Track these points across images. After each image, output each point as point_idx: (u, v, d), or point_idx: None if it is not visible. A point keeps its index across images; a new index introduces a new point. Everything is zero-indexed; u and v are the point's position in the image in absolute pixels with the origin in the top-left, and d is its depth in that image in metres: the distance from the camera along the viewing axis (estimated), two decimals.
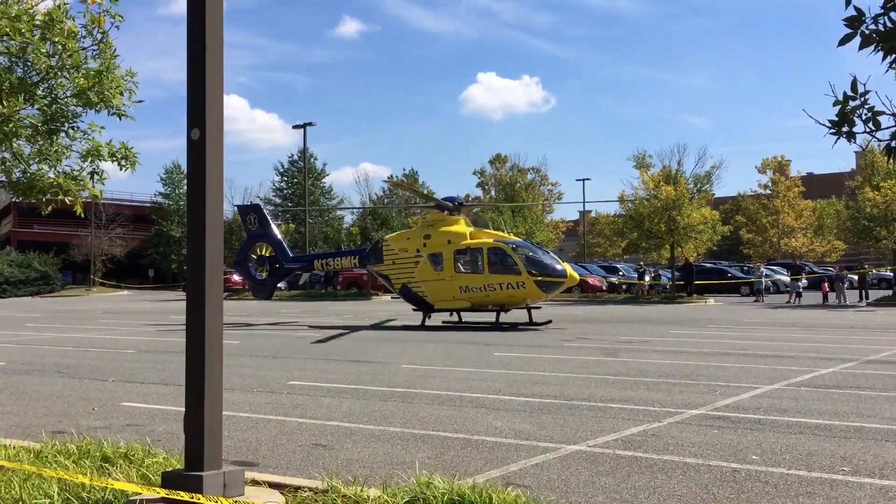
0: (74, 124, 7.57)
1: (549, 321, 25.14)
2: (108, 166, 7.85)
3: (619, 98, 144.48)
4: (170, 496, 5.13)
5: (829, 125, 4.59)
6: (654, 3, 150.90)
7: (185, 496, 5.06)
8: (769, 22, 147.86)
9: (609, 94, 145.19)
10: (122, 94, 7.49)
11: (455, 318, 25.73)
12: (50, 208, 8.19)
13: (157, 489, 5.33)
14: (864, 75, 4.53)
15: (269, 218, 31.22)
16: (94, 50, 7.45)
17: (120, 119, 7.58)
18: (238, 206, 36.24)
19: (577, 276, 27.08)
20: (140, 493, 5.37)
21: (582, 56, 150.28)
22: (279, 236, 30.74)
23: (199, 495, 5.05)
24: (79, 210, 7.97)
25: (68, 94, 7.44)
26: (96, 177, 7.80)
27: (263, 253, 29.94)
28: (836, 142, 4.60)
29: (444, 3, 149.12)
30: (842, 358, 15.48)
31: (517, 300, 24.61)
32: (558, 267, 24.75)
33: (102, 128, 7.72)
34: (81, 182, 7.70)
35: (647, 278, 47.06)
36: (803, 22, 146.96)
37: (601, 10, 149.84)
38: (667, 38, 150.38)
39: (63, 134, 7.55)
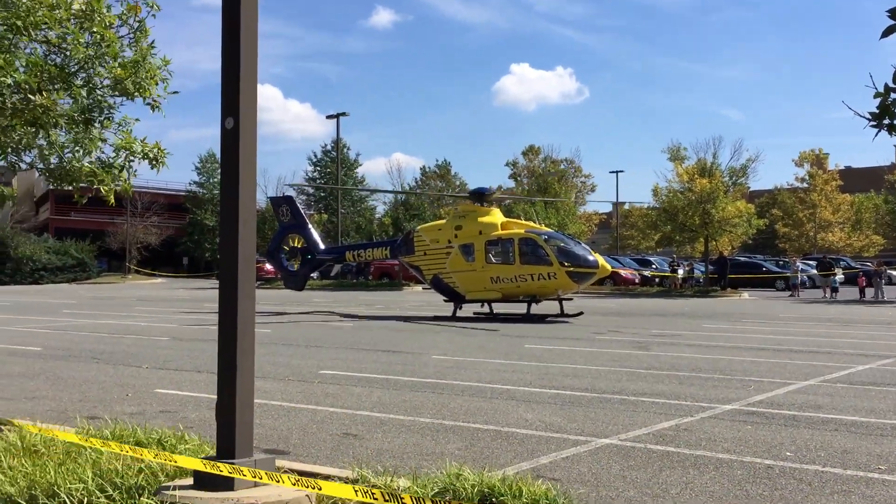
0: (110, 115, 7.62)
1: (581, 312, 25.03)
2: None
3: (653, 90, 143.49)
4: (207, 473, 5.16)
5: (870, 117, 4.50)
6: None
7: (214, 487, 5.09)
8: (807, 13, 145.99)
9: (643, 86, 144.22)
10: (157, 83, 7.52)
11: (486, 308, 25.71)
12: (85, 199, 8.26)
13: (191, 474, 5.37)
14: None
15: (301, 209, 31.38)
16: (130, 38, 7.49)
17: (153, 111, 7.62)
18: (271, 198, 36.46)
19: (609, 267, 26.88)
20: (175, 480, 5.42)
21: (616, 47, 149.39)
22: (311, 228, 30.89)
23: (234, 477, 5.08)
24: (110, 200, 8.04)
25: (105, 83, 7.49)
26: (128, 171, 7.86)
27: (295, 244, 30.09)
28: (876, 134, 4.51)
29: None
30: (879, 354, 15.25)
31: (548, 291, 24.52)
32: (590, 258, 24.63)
33: (137, 119, 7.77)
34: (114, 173, 7.76)
35: (680, 272, 46.65)
36: (842, 13, 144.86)
37: (636, 1, 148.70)
38: (702, 30, 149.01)
39: (98, 124, 7.61)
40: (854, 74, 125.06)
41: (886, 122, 4.49)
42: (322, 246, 30.84)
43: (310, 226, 31.03)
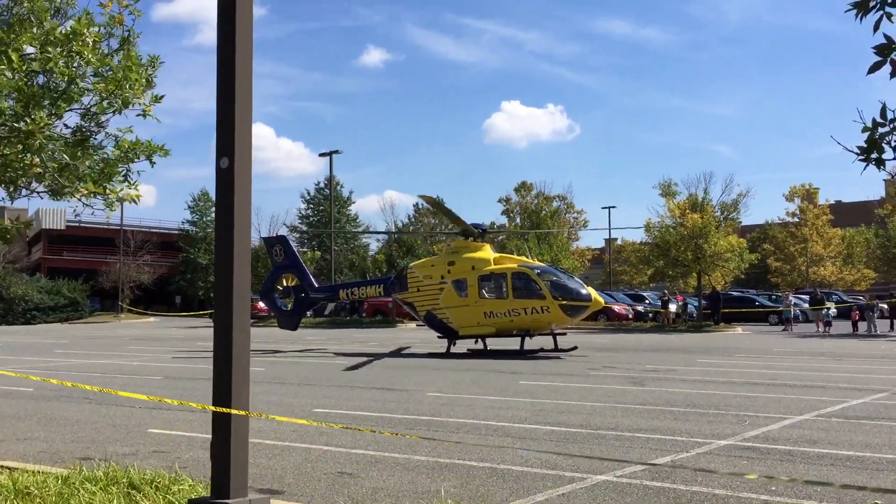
0: (103, 129, 7.61)
1: (575, 347, 25.00)
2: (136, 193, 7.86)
3: (643, 126, 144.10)
4: None
5: (858, 151, 4.56)
6: (679, 33, 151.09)
7: None
8: (795, 51, 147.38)
9: (634, 123, 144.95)
10: (142, 89, 7.43)
11: (480, 345, 25.68)
12: (93, 210, 8.08)
13: None
14: (894, 103, 4.50)
15: (294, 249, 31.46)
16: (116, 46, 7.41)
17: (144, 118, 7.53)
18: (264, 238, 36.54)
19: (602, 301, 26.87)
20: None
21: (606, 85, 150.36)
22: (305, 267, 30.95)
23: None
24: (110, 213, 7.93)
25: (91, 101, 7.47)
26: (130, 180, 7.80)
27: (289, 284, 30.15)
28: (864, 168, 4.56)
29: (468, 32, 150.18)
30: (873, 388, 15.26)
31: (542, 325, 24.51)
32: (583, 291, 24.67)
33: (130, 129, 7.73)
34: (115, 182, 7.70)
35: (672, 307, 46.62)
36: (830, 50, 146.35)
37: (626, 40, 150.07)
38: (692, 68, 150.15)
39: (93, 139, 7.60)
40: (842, 110, 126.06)
41: (874, 156, 4.56)
42: (316, 284, 30.88)
43: (303, 265, 31.08)
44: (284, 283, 30.27)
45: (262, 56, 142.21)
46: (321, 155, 60.50)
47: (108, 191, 7.66)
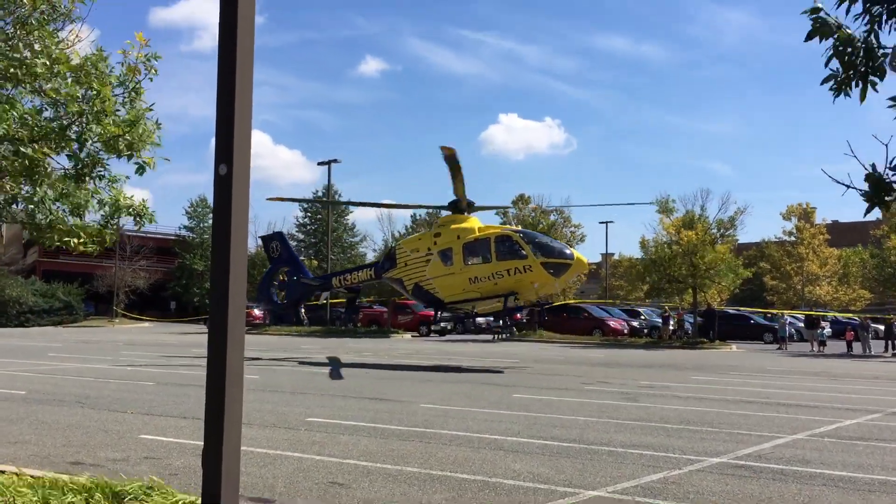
0: (101, 172, 7.68)
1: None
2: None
3: (640, 142, 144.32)
4: None
5: (862, 194, 4.58)
6: (677, 51, 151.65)
7: None
8: (792, 70, 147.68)
9: (631, 139, 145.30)
10: (148, 146, 7.60)
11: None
12: (54, 247, 8.28)
13: None
14: (888, 124, 4.54)
15: (290, 243, 31.77)
16: (123, 97, 7.55)
17: (141, 174, 7.66)
18: (261, 237, 36.76)
19: (585, 261, 26.48)
20: None
21: (604, 100, 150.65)
22: (300, 261, 31.52)
23: None
24: (88, 250, 8.06)
25: (97, 141, 7.54)
26: (110, 227, 7.92)
27: (284, 279, 30.52)
28: (869, 210, 4.57)
29: (467, 45, 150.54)
30: (866, 409, 15.26)
31: (525, 285, 24.49)
32: (566, 251, 24.88)
33: (127, 177, 7.84)
34: (95, 228, 7.81)
35: (671, 323, 46.58)
36: (825, 71, 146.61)
37: (625, 57, 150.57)
38: (689, 85, 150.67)
39: (90, 180, 7.66)
40: (838, 129, 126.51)
41: (878, 198, 4.57)
42: (311, 275, 31.45)
43: (299, 259, 31.56)
44: (281, 279, 30.65)
45: (260, 63, 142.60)
46: (320, 164, 60.53)
47: (85, 238, 7.76)
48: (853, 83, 4.57)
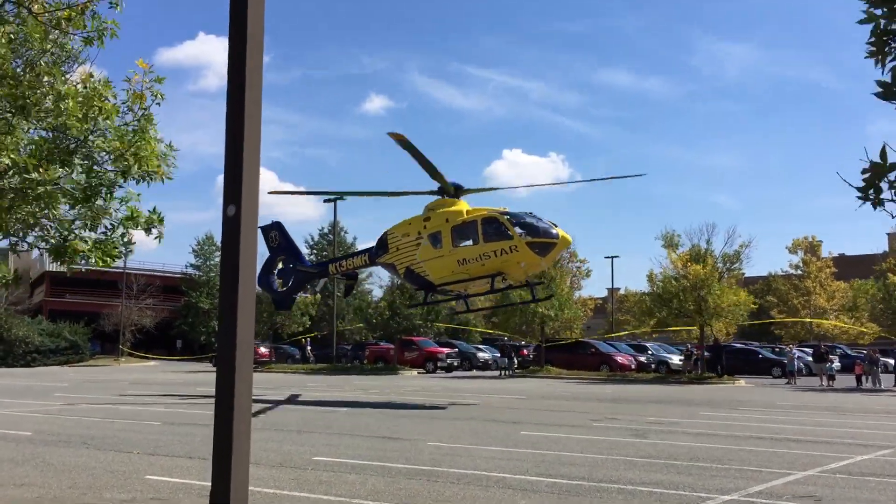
0: (112, 191, 7.71)
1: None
2: (137, 236, 7.94)
3: (645, 177, 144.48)
4: None
5: (858, 191, 4.70)
6: (679, 85, 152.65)
7: None
8: (794, 103, 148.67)
9: (635, 173, 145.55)
10: (157, 158, 7.63)
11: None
12: (71, 273, 8.28)
13: None
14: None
15: (288, 233, 31.99)
16: (135, 126, 7.63)
17: (148, 184, 7.68)
18: (261, 227, 36.65)
19: (570, 239, 26.52)
20: None
21: (608, 135, 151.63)
22: (299, 249, 32.03)
23: None
24: (105, 264, 8.03)
25: (105, 158, 7.59)
26: (127, 243, 7.90)
27: (282, 267, 31.01)
28: (861, 205, 4.69)
29: (471, 81, 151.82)
30: (877, 444, 15.12)
31: (512, 266, 24.70)
32: (552, 231, 24.92)
33: (139, 195, 7.83)
34: (112, 246, 7.79)
35: (676, 359, 46.06)
36: (829, 103, 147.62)
37: (628, 92, 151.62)
38: (692, 119, 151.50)
39: (101, 199, 7.68)
40: (843, 162, 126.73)
41: (872, 195, 4.68)
42: (308, 263, 31.91)
43: (297, 247, 31.90)
44: (280, 267, 31.00)
45: (266, 102, 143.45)
46: (326, 200, 60.70)
47: (102, 255, 7.75)
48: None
